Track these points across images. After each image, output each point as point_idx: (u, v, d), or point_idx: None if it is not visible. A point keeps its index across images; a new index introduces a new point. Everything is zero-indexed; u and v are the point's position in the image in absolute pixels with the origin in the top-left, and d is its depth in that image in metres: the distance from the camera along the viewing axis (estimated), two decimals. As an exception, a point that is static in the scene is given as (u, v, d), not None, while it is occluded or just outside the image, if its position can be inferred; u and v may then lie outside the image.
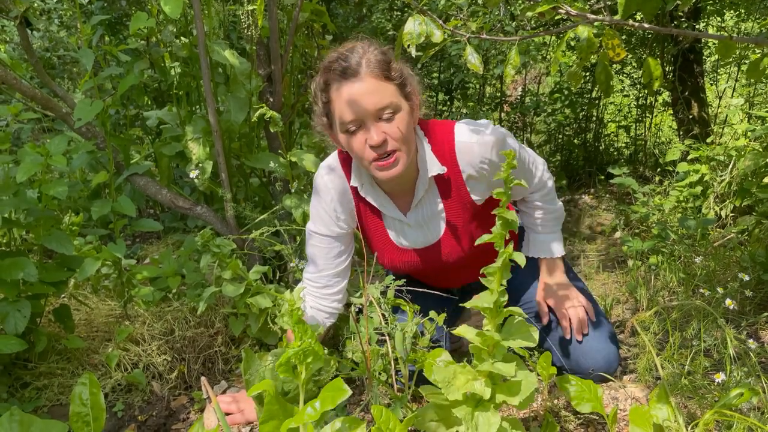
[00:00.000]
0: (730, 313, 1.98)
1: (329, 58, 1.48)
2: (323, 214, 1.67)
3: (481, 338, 1.20)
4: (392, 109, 1.44)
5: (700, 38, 3.30)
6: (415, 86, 1.52)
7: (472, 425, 1.16)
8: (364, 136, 1.45)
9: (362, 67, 1.42)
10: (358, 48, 1.45)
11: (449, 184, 1.60)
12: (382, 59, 1.44)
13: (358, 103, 1.42)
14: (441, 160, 1.57)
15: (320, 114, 1.55)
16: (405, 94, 1.48)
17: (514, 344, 1.20)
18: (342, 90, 1.43)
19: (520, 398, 1.17)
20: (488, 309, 1.19)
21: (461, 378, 1.20)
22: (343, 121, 1.45)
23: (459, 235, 1.66)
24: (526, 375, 1.22)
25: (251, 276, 1.77)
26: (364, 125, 1.44)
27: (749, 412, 1.36)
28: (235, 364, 1.95)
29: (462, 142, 1.55)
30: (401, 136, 1.45)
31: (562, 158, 4.83)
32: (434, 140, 1.58)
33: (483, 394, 1.18)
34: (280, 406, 0.99)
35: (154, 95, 2.99)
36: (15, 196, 1.75)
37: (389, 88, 1.44)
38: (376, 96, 1.42)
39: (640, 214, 2.85)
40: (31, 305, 1.65)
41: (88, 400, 1.27)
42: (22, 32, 1.95)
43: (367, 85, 1.41)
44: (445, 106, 4.86)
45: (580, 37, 1.05)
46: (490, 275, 1.18)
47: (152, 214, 3.55)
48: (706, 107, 3.90)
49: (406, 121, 1.46)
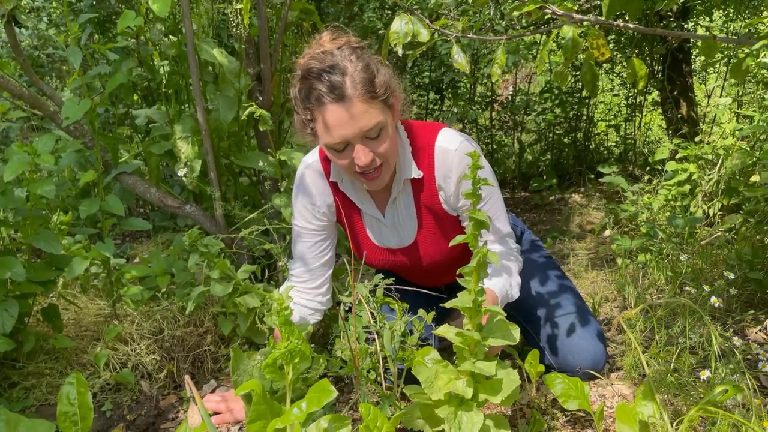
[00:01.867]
0: (716, 311, 2.00)
1: (309, 65, 1.40)
2: (302, 208, 1.68)
3: (462, 338, 1.21)
4: (379, 128, 1.40)
5: (687, 38, 3.32)
6: (396, 90, 1.47)
7: (455, 424, 1.17)
8: (350, 155, 1.42)
9: (347, 89, 1.35)
10: (339, 61, 1.37)
11: (423, 187, 1.60)
12: (367, 77, 1.37)
13: (343, 128, 1.37)
14: (419, 164, 1.56)
15: (301, 125, 1.49)
16: (389, 105, 1.44)
17: (494, 343, 1.20)
18: (327, 112, 1.37)
19: (502, 396, 1.18)
20: (468, 308, 1.19)
21: (443, 378, 1.21)
22: (328, 142, 1.42)
23: (433, 238, 1.66)
24: (508, 373, 1.23)
25: (239, 275, 1.77)
26: (350, 145, 1.42)
27: (734, 408, 1.37)
28: (225, 363, 1.95)
29: (441, 147, 1.54)
30: (387, 151, 1.44)
31: (552, 157, 4.85)
32: (415, 143, 1.57)
33: (465, 394, 1.19)
34: (267, 405, 0.99)
35: (143, 94, 2.98)
36: (2, 195, 1.74)
37: (375, 107, 1.38)
38: (364, 119, 1.37)
39: (629, 213, 2.87)
40: (19, 305, 1.65)
41: (76, 400, 1.26)
42: (10, 30, 1.93)
43: (353, 110, 1.35)
44: (436, 106, 4.86)
45: (565, 37, 1.05)
46: (467, 275, 1.19)
47: (142, 213, 3.54)
48: (695, 106, 3.93)
49: (391, 135, 1.44)
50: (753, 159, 2.59)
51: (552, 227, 3.66)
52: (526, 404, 1.63)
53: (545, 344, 1.75)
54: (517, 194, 4.55)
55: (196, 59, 1.97)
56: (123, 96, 2.44)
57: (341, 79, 1.35)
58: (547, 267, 1.88)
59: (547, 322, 1.76)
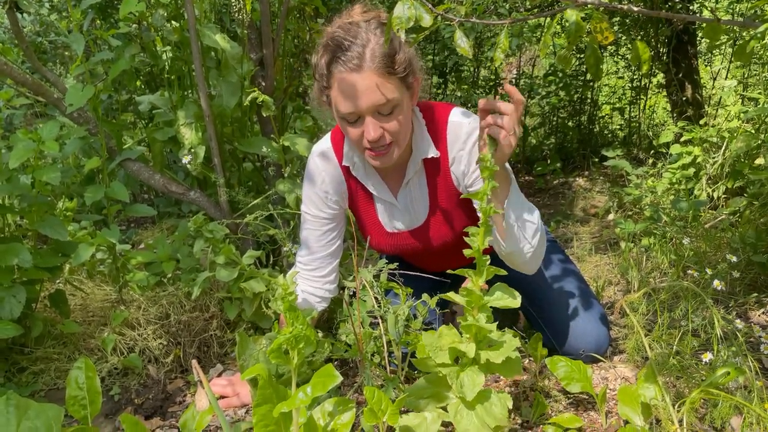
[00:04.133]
0: (719, 294, 2.00)
1: (335, 33, 1.39)
2: (314, 196, 1.68)
3: (468, 297, 1.24)
4: (392, 105, 1.39)
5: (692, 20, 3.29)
6: (417, 71, 1.46)
7: (458, 384, 1.20)
8: (360, 129, 1.42)
9: (365, 60, 1.35)
10: (362, 33, 1.37)
11: (438, 167, 1.60)
12: (387, 52, 1.36)
13: (356, 98, 1.37)
14: (436, 143, 1.57)
15: (319, 92, 1.49)
16: (407, 85, 1.43)
17: (498, 303, 1.25)
18: (341, 80, 1.37)
19: (502, 356, 1.20)
20: (472, 270, 1.22)
21: (447, 339, 1.25)
22: (340, 111, 1.42)
23: (444, 220, 1.66)
24: (509, 338, 1.26)
25: (244, 261, 1.78)
26: (361, 118, 1.41)
27: (736, 390, 1.38)
28: (231, 347, 1.97)
29: (454, 122, 1.55)
30: (399, 130, 1.43)
31: (556, 141, 4.84)
32: (431, 121, 1.57)
33: (468, 352, 1.21)
34: (273, 389, 1.00)
35: (147, 80, 2.98)
36: (8, 181, 1.75)
37: (391, 83, 1.37)
38: (376, 94, 1.36)
39: (633, 197, 2.86)
40: (26, 291, 1.66)
41: (84, 384, 1.29)
42: (12, 16, 1.93)
43: (368, 81, 1.35)
44: (440, 89, 4.84)
45: (568, 21, 1.05)
46: (473, 234, 1.20)
47: (147, 199, 3.55)
48: (700, 89, 3.90)
49: (405, 114, 1.43)
50: (758, 142, 2.58)
51: (556, 211, 3.66)
52: (530, 387, 1.64)
53: (548, 328, 1.76)
54: (521, 178, 4.54)
55: (198, 45, 1.96)
56: (126, 82, 2.43)
57: (361, 50, 1.35)
58: (551, 251, 1.88)
59: (551, 305, 1.76)
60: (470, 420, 1.21)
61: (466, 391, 1.20)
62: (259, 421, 1.00)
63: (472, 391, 1.20)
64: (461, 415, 1.22)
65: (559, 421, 1.44)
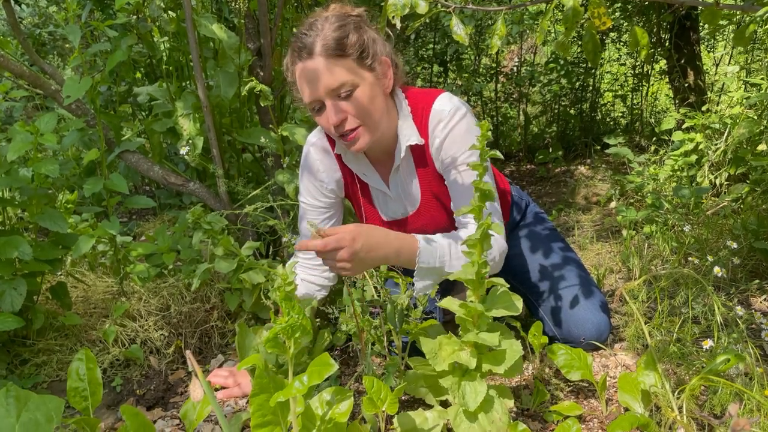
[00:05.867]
0: (720, 281, 2.00)
1: (295, 33, 1.46)
2: (309, 185, 1.69)
3: (465, 309, 1.21)
4: (349, 86, 1.41)
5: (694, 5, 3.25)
6: (380, 52, 1.47)
7: (459, 394, 1.18)
8: (326, 115, 1.45)
9: (316, 47, 1.39)
10: (317, 23, 1.42)
11: (424, 154, 1.59)
12: (337, 35, 1.39)
13: (311, 84, 1.41)
14: (420, 130, 1.56)
15: (295, 92, 1.55)
16: (366, 66, 1.44)
17: (497, 314, 1.21)
18: (300, 72, 1.43)
19: (505, 366, 1.19)
20: (471, 280, 1.20)
21: (447, 349, 1.22)
22: (304, 102, 1.47)
23: (438, 205, 1.66)
24: (510, 344, 1.24)
25: (244, 252, 1.78)
26: (323, 104, 1.44)
27: (736, 377, 1.38)
28: (232, 338, 1.97)
29: (435, 109, 1.53)
30: (362, 111, 1.44)
31: (558, 129, 4.81)
32: (417, 108, 1.56)
33: (468, 364, 1.20)
34: (270, 379, 1.00)
35: (145, 71, 2.97)
36: (7, 174, 1.75)
37: (343, 65, 1.40)
38: (327, 76, 1.39)
39: (635, 184, 2.85)
40: (27, 283, 1.67)
41: (85, 376, 1.29)
42: (9, 8, 1.92)
43: (317, 65, 1.39)
44: (440, 78, 4.82)
45: (565, 6, 1.04)
46: (471, 247, 1.19)
47: (148, 191, 3.55)
48: (703, 75, 3.87)
49: (368, 95, 1.44)
50: (760, 128, 2.56)
51: (558, 199, 3.65)
52: (530, 375, 1.64)
53: (549, 316, 1.76)
54: (522, 167, 4.53)
55: (195, 35, 1.95)
56: (124, 74, 2.43)
57: (313, 39, 1.40)
58: (552, 239, 1.88)
59: (551, 294, 1.76)
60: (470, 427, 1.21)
61: (468, 402, 1.19)
62: (256, 411, 1.00)
63: (474, 402, 1.18)
64: (460, 418, 1.21)
65: (560, 409, 1.44)
